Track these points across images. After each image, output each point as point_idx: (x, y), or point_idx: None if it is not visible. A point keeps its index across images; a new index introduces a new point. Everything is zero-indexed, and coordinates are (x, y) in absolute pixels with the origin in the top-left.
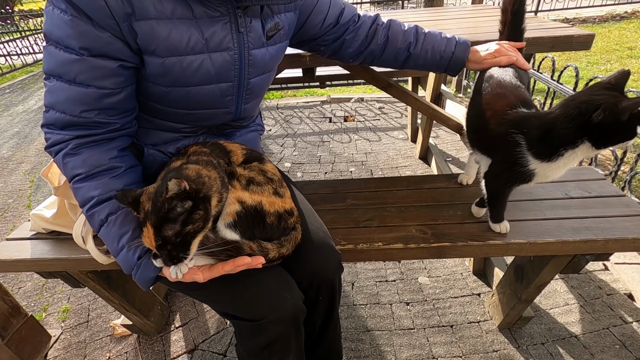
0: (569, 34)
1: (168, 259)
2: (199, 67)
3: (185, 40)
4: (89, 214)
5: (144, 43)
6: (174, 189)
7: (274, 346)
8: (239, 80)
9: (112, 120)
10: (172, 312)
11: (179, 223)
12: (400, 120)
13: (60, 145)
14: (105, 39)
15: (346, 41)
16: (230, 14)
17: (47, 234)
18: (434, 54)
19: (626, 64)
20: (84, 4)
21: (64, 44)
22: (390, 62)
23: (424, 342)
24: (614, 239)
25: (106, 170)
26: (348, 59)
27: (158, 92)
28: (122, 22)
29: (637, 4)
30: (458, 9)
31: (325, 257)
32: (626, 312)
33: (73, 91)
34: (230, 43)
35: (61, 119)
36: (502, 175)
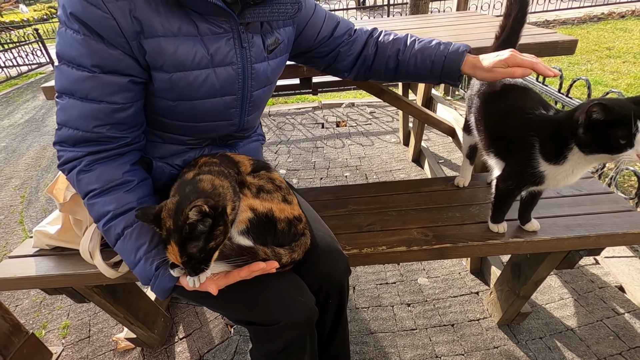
0: (553, 39)
1: (192, 271)
2: (204, 81)
3: (191, 56)
4: (105, 229)
5: (152, 59)
6: (194, 217)
7: (290, 349)
8: (242, 93)
9: (123, 134)
10: (175, 324)
11: (202, 241)
12: (392, 124)
13: (74, 163)
14: (116, 57)
15: (340, 54)
16: (233, 30)
17: (51, 250)
18: (424, 59)
19: (606, 64)
20: (96, 24)
21: (76, 63)
22: (382, 71)
23: (427, 342)
24: (605, 234)
25: (120, 185)
26: (343, 72)
27: (165, 106)
28: (131, 40)
29: (612, 5)
30: (443, 15)
31: (334, 261)
32: (618, 304)
33: (86, 107)
34: (234, 58)
35: (74, 136)
36: (515, 176)
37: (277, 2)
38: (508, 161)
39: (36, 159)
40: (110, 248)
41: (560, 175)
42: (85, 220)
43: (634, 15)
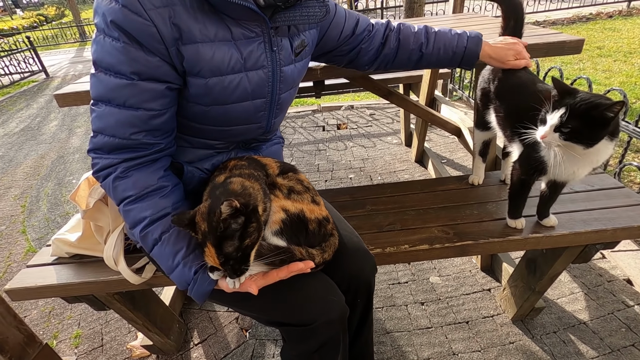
0: (561, 39)
1: (232, 273)
2: (237, 86)
3: (226, 60)
4: (142, 235)
5: (189, 65)
6: (227, 211)
7: (325, 349)
8: (272, 96)
9: (157, 140)
10: (189, 330)
11: (236, 239)
12: (392, 126)
13: (109, 170)
14: (155, 63)
15: (362, 50)
16: (264, 34)
17: (70, 258)
18: (446, 51)
19: (597, 63)
20: (136, 32)
21: (114, 70)
22: (404, 63)
23: (443, 340)
24: (621, 228)
25: (155, 190)
26: (364, 66)
27: (198, 112)
28: (170, 47)
29: (600, 6)
30: (439, 18)
31: (361, 260)
32: (627, 297)
33: (123, 114)
34: (264, 61)
35: (110, 143)
36: (524, 163)
37: (307, 6)
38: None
39: (35, 168)
40: (133, 254)
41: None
42: (107, 226)
43: (621, 15)
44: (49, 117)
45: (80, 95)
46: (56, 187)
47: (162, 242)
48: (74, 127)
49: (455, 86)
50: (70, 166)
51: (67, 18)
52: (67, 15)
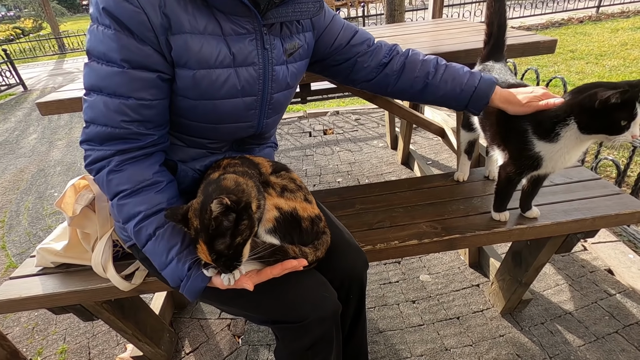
0: (535, 40)
1: (225, 268)
2: (226, 81)
3: (215, 54)
4: (136, 229)
5: (177, 55)
6: (217, 209)
7: (318, 345)
8: (263, 94)
9: (150, 132)
10: (180, 339)
11: (228, 236)
12: (378, 130)
13: (102, 163)
14: (146, 52)
15: (358, 63)
16: (256, 32)
17: (55, 268)
18: (454, 86)
19: (571, 65)
20: (127, 19)
21: (106, 58)
22: (406, 90)
23: (435, 336)
24: (600, 217)
25: (150, 185)
26: (360, 82)
27: (186, 106)
28: (160, 36)
29: (571, 12)
30: (419, 24)
31: (353, 256)
32: (609, 286)
33: (114, 103)
34: (255, 58)
35: (102, 133)
36: (515, 162)
37: (299, 2)
38: (508, 149)
39: (14, 182)
40: (122, 261)
41: (557, 155)
42: (94, 233)
43: (591, 20)
44: (28, 130)
45: (64, 103)
46: (37, 200)
47: (156, 238)
48: (54, 139)
49: None
50: (52, 179)
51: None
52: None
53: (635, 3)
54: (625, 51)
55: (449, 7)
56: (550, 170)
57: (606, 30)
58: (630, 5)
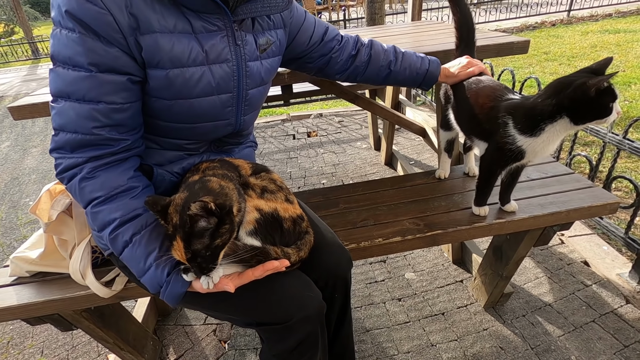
0: (509, 41)
1: (199, 271)
2: (200, 79)
3: (187, 52)
4: (111, 237)
5: (148, 56)
6: (197, 211)
7: (304, 346)
8: (238, 91)
9: (123, 137)
10: (165, 347)
11: (207, 237)
12: (361, 131)
13: (74, 170)
14: (114, 54)
15: (332, 59)
16: (227, 28)
17: (31, 277)
18: (412, 71)
19: (545, 67)
20: (92, 21)
21: (72, 63)
22: (373, 78)
23: (421, 333)
24: (574, 209)
25: (125, 191)
26: (334, 75)
27: (161, 107)
28: (128, 37)
29: (544, 15)
30: (399, 26)
31: (337, 255)
32: (585, 277)
33: (84, 108)
34: (228, 55)
35: (72, 140)
36: (496, 155)
37: None
38: (489, 143)
39: None
40: (101, 268)
41: (539, 147)
42: (72, 240)
43: (563, 23)
44: (0, 137)
45: (37, 107)
46: (10, 210)
47: (133, 244)
48: (28, 147)
49: (418, 91)
50: (26, 188)
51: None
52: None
53: (603, 7)
54: (595, 53)
55: (428, 11)
56: (531, 160)
57: (577, 33)
58: (599, 9)
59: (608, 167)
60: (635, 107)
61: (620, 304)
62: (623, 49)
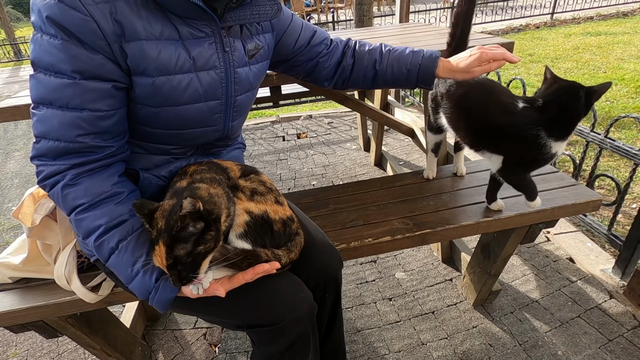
0: (495, 42)
1: (177, 280)
2: (187, 86)
3: (174, 59)
4: (97, 244)
5: (134, 63)
6: (187, 207)
7: (295, 347)
8: (227, 98)
9: (107, 144)
10: (154, 352)
11: (190, 243)
12: (350, 133)
13: (57, 177)
14: (98, 61)
15: (319, 64)
16: (215, 35)
17: (14, 284)
18: (400, 67)
19: (530, 68)
20: (75, 27)
21: (54, 70)
22: (360, 81)
23: (412, 332)
24: (558, 207)
25: (110, 197)
26: (323, 81)
27: (147, 114)
28: (113, 44)
29: (528, 18)
30: (388, 28)
31: (327, 255)
32: (570, 274)
33: (67, 116)
34: (216, 62)
35: (55, 148)
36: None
37: (257, 4)
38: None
39: None
40: (87, 272)
41: (563, 147)
42: (56, 244)
43: (546, 25)
44: None
45: (20, 109)
46: None
47: (119, 251)
48: (10, 150)
49: (407, 92)
50: (8, 192)
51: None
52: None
53: (585, 10)
54: (578, 54)
55: (416, 13)
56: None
57: (560, 35)
58: (581, 12)
59: (591, 165)
60: (616, 107)
61: (604, 299)
62: (604, 50)
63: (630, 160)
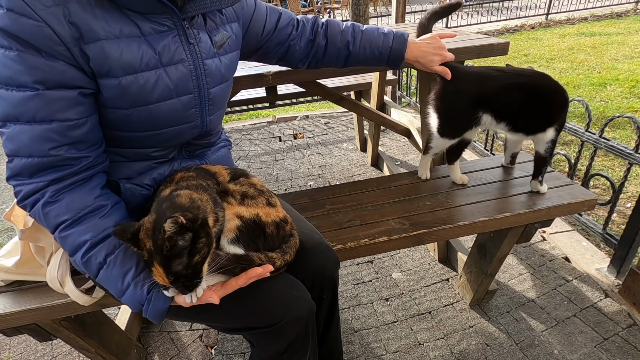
0: (490, 42)
1: (184, 289)
2: (156, 83)
3: (138, 57)
4: (84, 260)
5: (97, 65)
6: (170, 229)
7: (294, 347)
8: (199, 91)
9: (83, 154)
10: (149, 354)
11: (185, 256)
12: (347, 133)
13: (36, 196)
14: (59, 69)
15: (291, 46)
16: (177, 27)
17: (6, 286)
18: (372, 50)
19: None
20: (29, 36)
21: (15, 83)
22: (333, 61)
23: (409, 332)
24: (554, 207)
25: (93, 211)
26: (297, 63)
27: (119, 117)
28: (72, 47)
29: (523, 19)
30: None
31: (324, 255)
32: (566, 273)
33: (36, 130)
34: (183, 55)
35: (29, 165)
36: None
37: None
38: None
39: None
40: (81, 275)
41: None
42: (49, 246)
43: (541, 26)
44: None
45: None
46: None
47: (107, 265)
48: (2, 152)
49: (403, 93)
50: (2, 194)
51: None
52: None
53: (579, 11)
54: (572, 55)
55: (411, 14)
56: None
57: (555, 36)
58: (575, 13)
59: (586, 165)
60: (610, 107)
61: (599, 298)
62: (598, 51)
63: (625, 160)
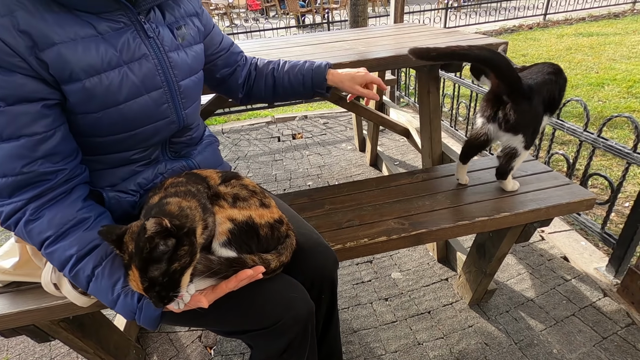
0: (488, 42)
1: (158, 300)
2: (122, 81)
3: (99, 57)
4: (72, 274)
5: (57, 71)
6: (152, 228)
7: (293, 347)
8: (168, 84)
9: (59, 167)
10: (148, 355)
11: (164, 262)
12: (346, 133)
13: (17, 215)
14: (17, 82)
15: (236, 72)
16: (134, 23)
17: (5, 287)
18: (296, 74)
19: None
20: None
21: None
22: (262, 89)
23: (408, 332)
24: (553, 206)
25: (77, 225)
26: (236, 91)
27: (91, 122)
28: (27, 57)
29: (521, 19)
30: (382, 28)
31: (323, 256)
32: (565, 272)
33: (5, 149)
34: (144, 49)
35: (5, 185)
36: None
37: None
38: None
39: None
40: None
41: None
42: None
43: (539, 26)
44: None
45: None
46: None
47: (96, 278)
48: None
49: (402, 93)
50: None
51: None
52: None
53: (577, 11)
54: (570, 55)
55: (410, 14)
56: None
57: (553, 36)
58: (573, 13)
59: (584, 164)
60: (608, 107)
61: (598, 297)
62: (596, 51)
63: (623, 159)
